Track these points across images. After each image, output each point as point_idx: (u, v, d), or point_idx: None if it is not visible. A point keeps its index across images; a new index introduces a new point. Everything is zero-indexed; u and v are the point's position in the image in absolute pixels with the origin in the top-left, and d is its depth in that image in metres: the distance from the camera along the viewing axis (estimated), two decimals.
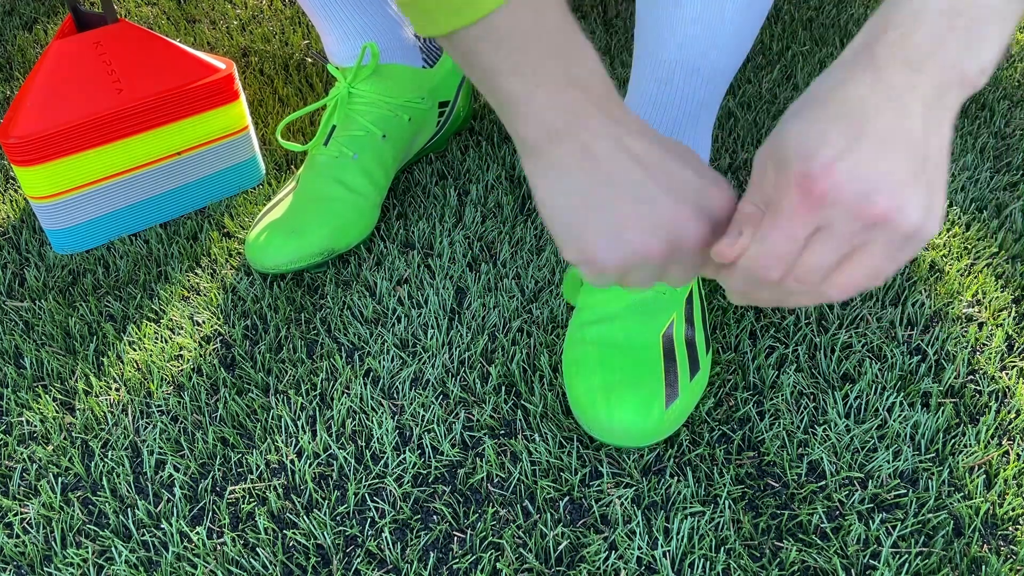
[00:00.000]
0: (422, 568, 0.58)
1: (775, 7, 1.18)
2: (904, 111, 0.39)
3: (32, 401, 0.70)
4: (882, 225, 0.40)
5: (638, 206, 0.44)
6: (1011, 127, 0.95)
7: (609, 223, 0.44)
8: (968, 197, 0.85)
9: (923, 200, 0.40)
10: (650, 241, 0.44)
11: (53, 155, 0.78)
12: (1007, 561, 0.57)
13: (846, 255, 0.41)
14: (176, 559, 0.59)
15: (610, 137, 0.44)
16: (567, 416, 0.66)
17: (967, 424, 0.65)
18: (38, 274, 0.81)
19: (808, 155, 0.40)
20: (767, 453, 0.63)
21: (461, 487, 0.62)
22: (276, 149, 0.95)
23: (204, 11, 1.22)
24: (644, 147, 0.44)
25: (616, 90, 0.44)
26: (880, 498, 0.60)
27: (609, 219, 0.44)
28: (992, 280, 0.76)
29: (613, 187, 0.44)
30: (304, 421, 0.67)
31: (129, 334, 0.75)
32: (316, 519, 0.60)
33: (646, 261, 0.45)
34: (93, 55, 0.79)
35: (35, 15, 1.23)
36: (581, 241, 0.45)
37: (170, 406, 0.68)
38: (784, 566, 0.57)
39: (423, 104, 0.87)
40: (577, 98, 0.43)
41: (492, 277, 0.78)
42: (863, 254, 0.41)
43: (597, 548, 0.58)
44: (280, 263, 0.77)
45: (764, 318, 0.73)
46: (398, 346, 0.72)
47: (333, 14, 0.82)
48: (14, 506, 0.62)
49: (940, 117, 0.39)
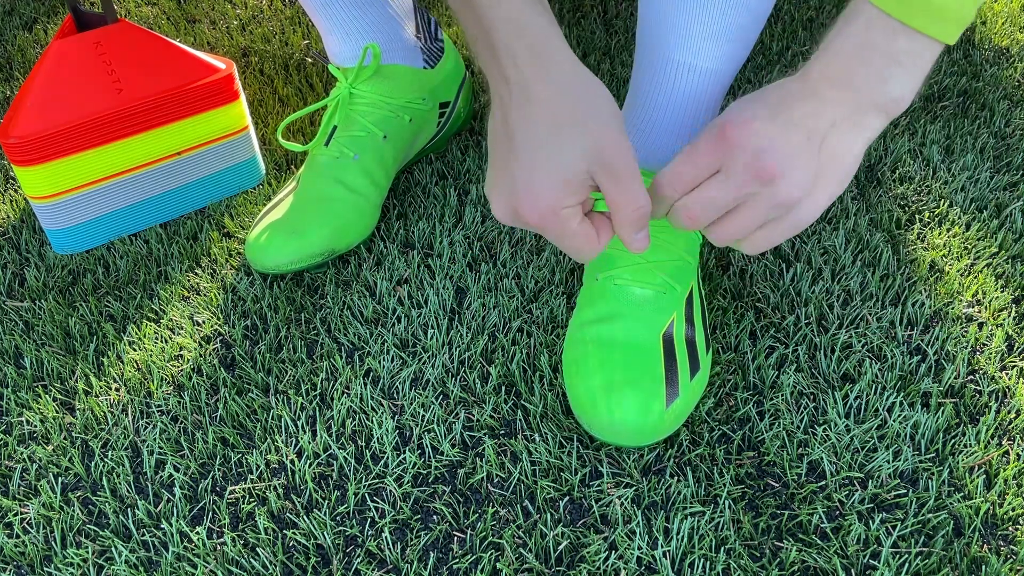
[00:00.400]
0: (422, 568, 0.58)
1: (775, 7, 1.18)
2: (819, 110, 0.48)
3: (32, 401, 0.70)
4: (766, 183, 0.49)
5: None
6: (1011, 127, 0.95)
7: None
8: (968, 197, 0.85)
9: (806, 180, 0.49)
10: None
11: (53, 155, 0.78)
12: (1007, 561, 0.57)
13: (734, 206, 0.51)
14: (176, 559, 0.59)
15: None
16: (567, 416, 0.66)
17: (967, 424, 0.65)
18: (38, 274, 0.81)
19: (732, 115, 0.50)
20: (767, 453, 0.63)
21: (461, 487, 0.62)
22: (276, 149, 0.95)
23: (204, 11, 1.22)
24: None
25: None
26: (880, 498, 0.60)
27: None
28: (992, 280, 0.76)
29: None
30: (304, 421, 0.67)
31: (129, 334, 0.75)
32: (316, 519, 0.60)
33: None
34: (93, 55, 0.79)
35: (35, 15, 1.23)
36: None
37: (170, 406, 0.68)
38: (784, 566, 0.57)
39: (424, 105, 0.87)
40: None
41: (492, 277, 0.78)
42: (746, 207, 0.50)
43: (597, 548, 0.58)
44: (280, 263, 0.77)
45: (764, 318, 0.73)
46: (398, 346, 0.72)
47: (334, 14, 0.82)
48: (14, 506, 0.62)
49: (852, 130, 0.49)
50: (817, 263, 0.78)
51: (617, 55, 1.08)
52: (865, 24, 0.47)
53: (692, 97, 0.66)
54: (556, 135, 0.49)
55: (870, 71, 0.47)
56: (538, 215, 0.50)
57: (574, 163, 0.49)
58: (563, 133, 0.49)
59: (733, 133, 0.49)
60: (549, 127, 0.49)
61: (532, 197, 0.50)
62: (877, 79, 0.47)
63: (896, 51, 0.47)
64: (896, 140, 0.92)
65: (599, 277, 0.68)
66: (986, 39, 1.10)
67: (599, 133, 0.49)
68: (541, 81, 0.49)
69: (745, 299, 0.75)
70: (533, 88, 0.49)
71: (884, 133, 0.94)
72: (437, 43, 0.89)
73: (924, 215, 0.83)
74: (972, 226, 0.82)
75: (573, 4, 1.19)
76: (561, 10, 1.18)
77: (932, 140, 0.92)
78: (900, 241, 0.80)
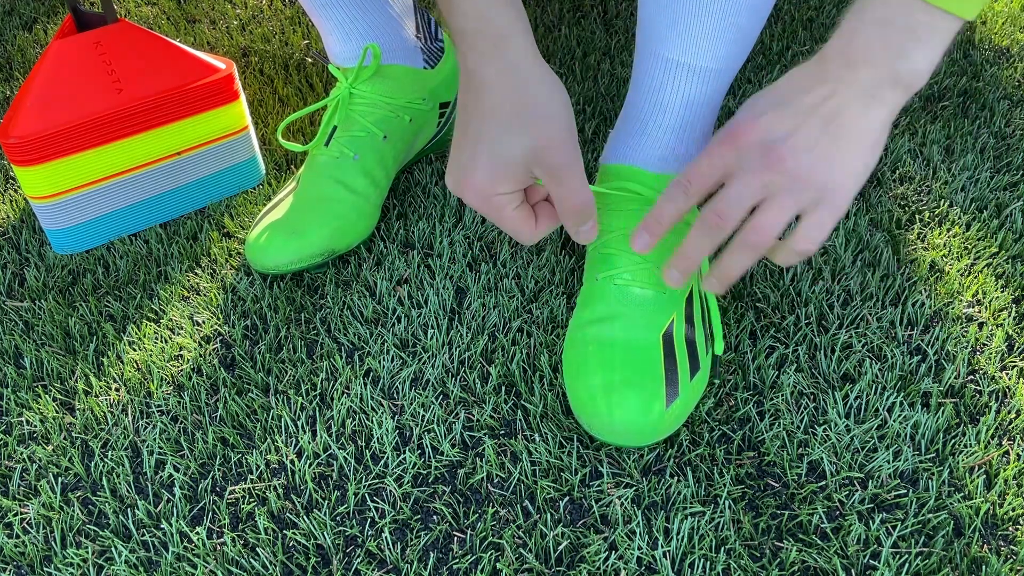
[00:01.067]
0: (422, 568, 0.58)
1: (775, 7, 1.18)
2: (833, 93, 0.49)
3: (32, 401, 0.70)
4: (782, 169, 0.50)
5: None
6: (1011, 127, 0.95)
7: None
8: (968, 197, 0.85)
9: (822, 158, 0.49)
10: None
11: (53, 155, 0.78)
12: (1007, 561, 0.57)
13: (761, 199, 0.51)
14: (176, 559, 0.59)
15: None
16: (567, 416, 0.66)
17: (967, 424, 0.65)
18: (38, 274, 0.81)
19: (743, 114, 0.51)
20: (767, 453, 0.63)
21: (461, 487, 0.62)
22: (276, 149, 0.95)
23: (204, 11, 1.22)
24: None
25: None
26: (880, 498, 0.60)
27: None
28: (992, 280, 0.76)
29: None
30: (304, 421, 0.67)
31: (129, 334, 0.75)
32: (316, 519, 0.60)
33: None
34: (93, 55, 0.79)
35: (35, 15, 1.23)
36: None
37: (170, 406, 0.68)
38: (784, 566, 0.57)
39: (424, 105, 0.87)
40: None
41: (492, 277, 0.78)
42: (773, 199, 0.51)
43: (597, 548, 0.58)
44: (280, 264, 0.77)
45: (764, 318, 0.73)
46: (398, 346, 0.72)
47: (335, 15, 0.82)
48: (14, 506, 0.62)
49: (870, 104, 0.48)
50: (817, 263, 0.78)
51: (617, 55, 1.08)
52: (883, 1, 0.47)
53: (692, 97, 0.66)
54: (501, 127, 0.52)
55: (889, 46, 0.47)
56: (475, 198, 0.53)
57: (513, 156, 0.52)
58: (507, 127, 0.51)
59: (743, 131, 0.51)
60: (496, 119, 0.52)
61: (471, 180, 0.53)
62: (896, 53, 0.47)
63: (915, 25, 0.46)
64: (896, 140, 0.92)
65: (599, 277, 0.68)
66: (986, 39, 1.10)
67: (543, 131, 0.52)
68: (493, 74, 0.51)
69: (745, 299, 0.75)
70: (486, 79, 0.52)
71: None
72: (437, 43, 0.89)
73: (924, 215, 0.83)
74: (972, 226, 0.82)
75: (573, 4, 1.19)
76: (561, 10, 1.18)
77: (932, 140, 0.92)
78: (900, 241, 0.80)
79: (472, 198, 0.54)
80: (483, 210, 0.54)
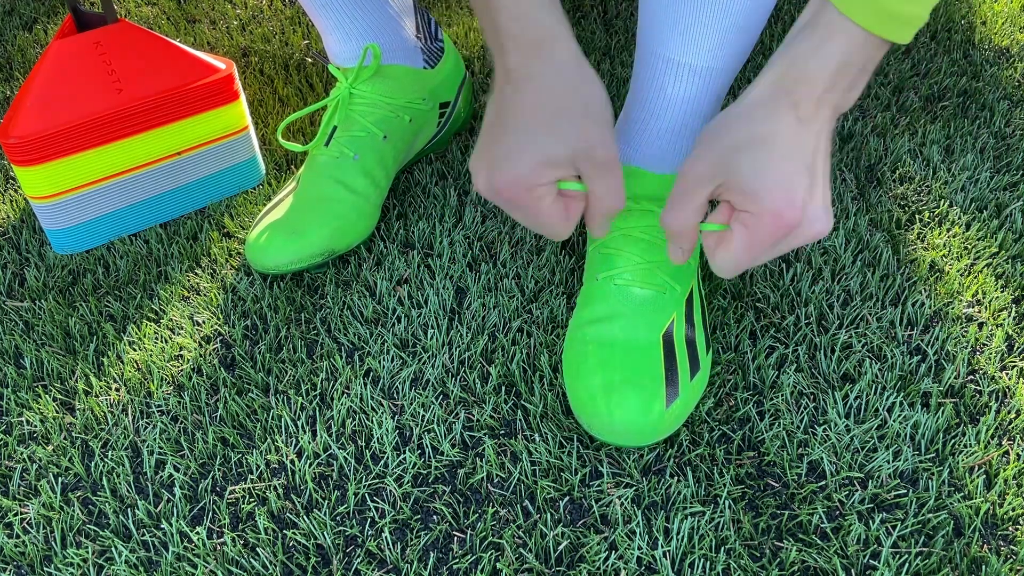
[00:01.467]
0: (422, 568, 0.58)
1: (775, 7, 1.18)
2: (806, 139, 0.50)
3: (32, 401, 0.70)
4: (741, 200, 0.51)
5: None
6: (1011, 127, 0.95)
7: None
8: (968, 197, 0.85)
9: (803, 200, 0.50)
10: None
11: (53, 155, 0.78)
12: (1007, 561, 0.57)
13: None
14: (176, 559, 0.59)
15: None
16: (567, 416, 0.66)
17: (967, 424, 0.65)
18: (38, 274, 0.81)
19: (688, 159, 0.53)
20: (767, 453, 0.63)
21: (461, 487, 0.62)
22: (276, 149, 0.95)
23: (204, 11, 1.22)
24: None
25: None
26: (880, 498, 0.60)
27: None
28: (992, 280, 0.76)
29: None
30: (304, 421, 0.67)
31: (129, 334, 0.75)
32: (316, 519, 0.60)
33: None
34: (93, 55, 0.79)
35: (35, 15, 1.23)
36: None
37: (170, 406, 0.68)
38: (784, 566, 0.57)
39: (424, 105, 0.87)
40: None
41: (492, 277, 0.78)
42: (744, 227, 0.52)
43: (597, 548, 0.58)
44: (280, 264, 0.77)
45: (764, 318, 0.73)
46: (398, 346, 0.72)
47: (335, 15, 0.82)
48: (14, 506, 0.62)
49: (825, 136, 0.51)
50: (817, 263, 0.78)
51: (617, 55, 1.08)
52: (847, 42, 0.48)
53: (692, 97, 0.66)
54: (546, 124, 0.52)
55: (843, 84, 0.49)
56: (514, 188, 0.53)
57: (561, 150, 0.52)
58: (553, 123, 0.52)
59: (684, 170, 0.53)
60: (543, 114, 0.52)
61: (513, 171, 0.52)
62: (847, 89, 0.50)
63: (867, 62, 0.49)
64: (896, 140, 0.92)
65: (599, 277, 0.68)
66: (986, 39, 1.10)
67: (592, 129, 0.52)
68: (539, 73, 0.52)
69: (745, 299, 0.75)
70: (532, 77, 0.52)
71: (884, 133, 0.94)
72: (437, 43, 0.89)
73: (924, 215, 0.83)
74: (972, 226, 0.82)
75: (573, 4, 1.19)
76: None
77: (932, 140, 0.92)
78: (900, 241, 0.81)
79: (510, 189, 0.53)
80: (520, 201, 0.54)
